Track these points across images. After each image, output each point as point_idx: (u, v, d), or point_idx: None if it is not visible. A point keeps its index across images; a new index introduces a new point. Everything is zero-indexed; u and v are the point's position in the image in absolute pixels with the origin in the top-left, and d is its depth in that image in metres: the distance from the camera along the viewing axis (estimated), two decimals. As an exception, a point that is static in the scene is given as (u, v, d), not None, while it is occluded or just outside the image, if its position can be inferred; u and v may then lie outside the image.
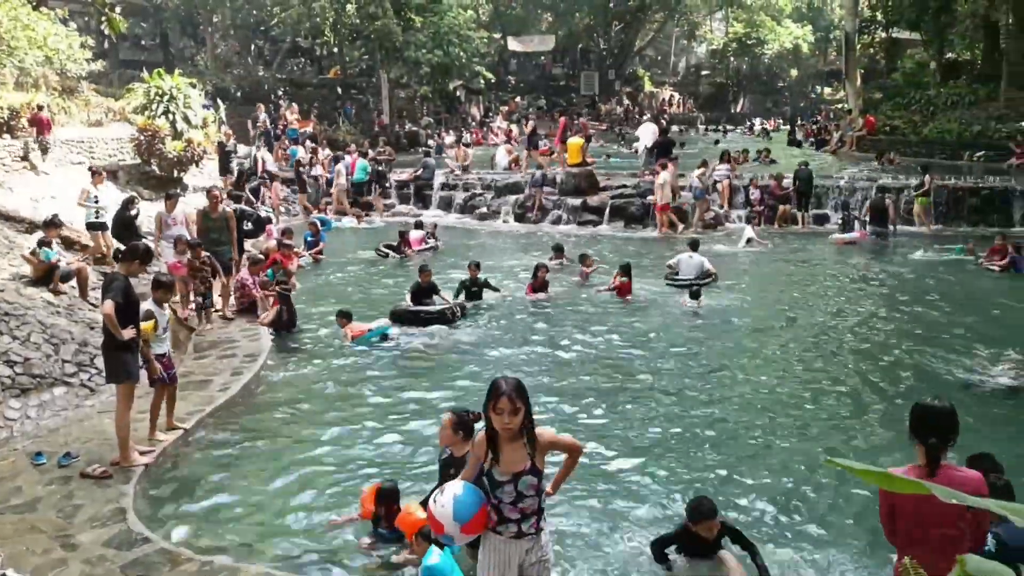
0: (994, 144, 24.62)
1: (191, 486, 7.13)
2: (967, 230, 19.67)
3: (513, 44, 51.48)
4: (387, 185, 25.39)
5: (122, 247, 10.39)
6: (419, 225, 19.44)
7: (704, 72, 62.17)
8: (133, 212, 14.57)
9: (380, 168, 24.84)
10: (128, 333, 7.10)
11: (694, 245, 15.42)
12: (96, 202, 14.61)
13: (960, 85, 29.09)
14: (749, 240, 18.52)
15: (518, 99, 47.54)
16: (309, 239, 17.98)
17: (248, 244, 15.30)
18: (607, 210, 21.79)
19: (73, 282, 11.88)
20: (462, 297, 13.28)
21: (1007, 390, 9.05)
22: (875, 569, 5.66)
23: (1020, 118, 25.15)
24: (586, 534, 6.24)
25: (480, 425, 4.70)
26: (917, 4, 28.68)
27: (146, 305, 7.74)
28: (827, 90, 59.13)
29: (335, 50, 39.71)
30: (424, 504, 5.67)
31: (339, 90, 39.03)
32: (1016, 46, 27.93)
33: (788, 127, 42.90)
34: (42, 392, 9.01)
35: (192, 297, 11.89)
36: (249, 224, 16.21)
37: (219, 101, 28.42)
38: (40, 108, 18.94)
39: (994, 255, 15.90)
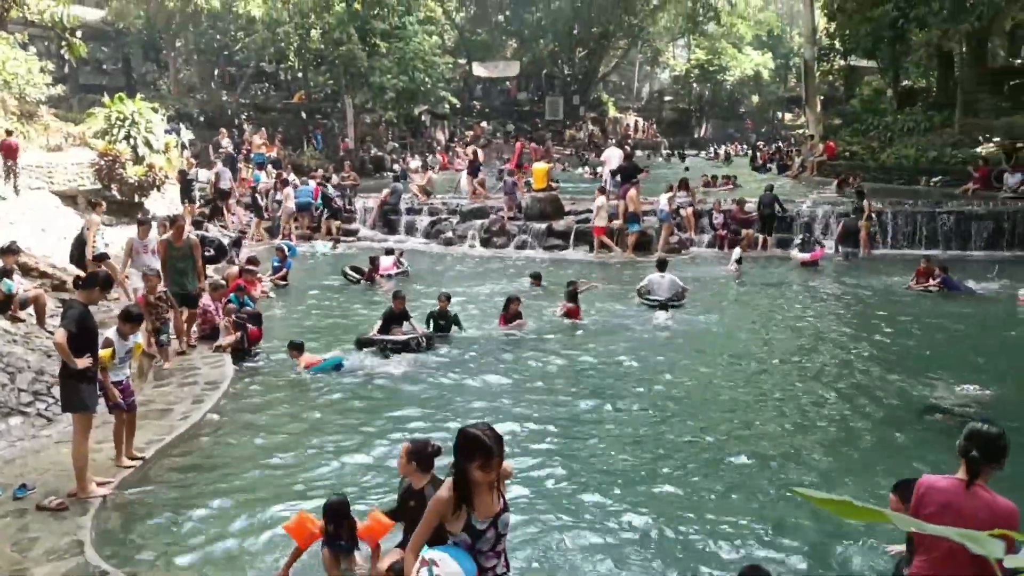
0: (950, 169, 25.22)
1: (150, 518, 6.99)
2: (924, 253, 20.05)
3: (478, 70, 51.78)
4: (351, 209, 25.31)
5: (82, 274, 10.23)
6: (389, 251, 19.37)
7: (667, 98, 62.97)
8: (93, 238, 14.36)
9: (328, 193, 24.58)
10: (84, 362, 6.97)
11: (662, 265, 15.59)
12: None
13: (916, 112, 29.75)
14: (739, 261, 18.67)
15: (484, 124, 47.77)
16: (276, 264, 17.84)
17: (210, 270, 15.14)
18: (572, 235, 21.91)
19: (31, 309, 11.67)
20: (431, 328, 12.91)
21: (964, 420, 9.11)
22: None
23: (974, 144, 25.77)
24: (558, 564, 6.21)
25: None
26: (873, 33, 29.32)
27: (108, 333, 7.64)
28: (788, 116, 60.13)
29: (300, 75, 39.65)
30: (390, 515, 5.63)
31: (304, 115, 38.94)
32: (969, 75, 28.66)
33: (750, 152, 43.55)
34: (-4, 422, 8.80)
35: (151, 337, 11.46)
36: (211, 250, 16.05)
37: (183, 126, 28.20)
38: (9, 133, 18.73)
39: (920, 277, 16.59)
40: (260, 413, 9.68)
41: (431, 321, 12.99)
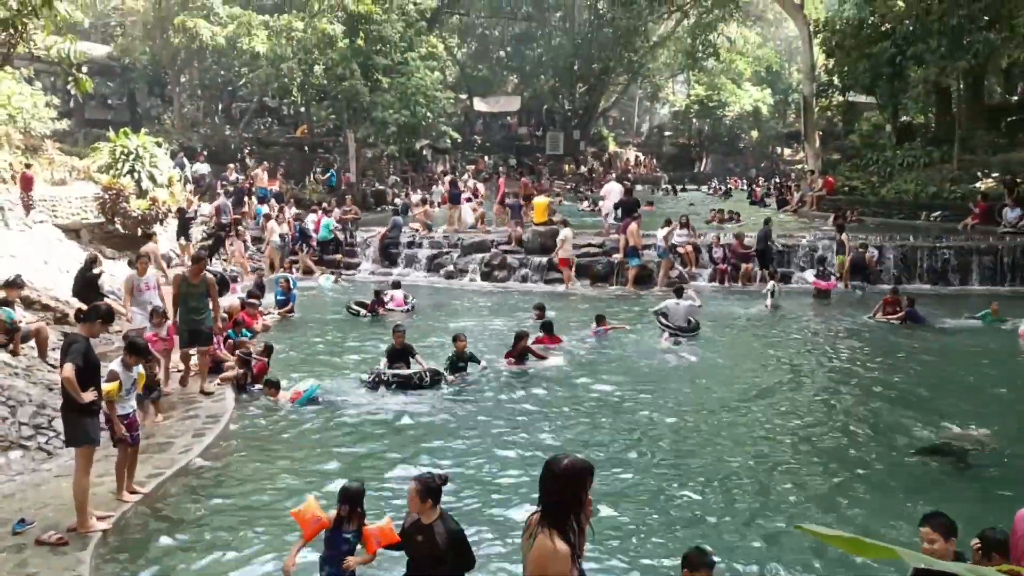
0: (950, 204, 25.38)
1: (150, 552, 6.95)
2: (926, 288, 20.16)
3: (479, 104, 52.17)
4: (353, 243, 25.37)
5: (84, 307, 10.22)
6: (397, 284, 19.36)
7: (667, 133, 63.28)
8: (96, 271, 14.39)
9: (304, 226, 24.59)
10: (88, 396, 6.98)
11: (679, 292, 15.99)
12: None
13: (915, 147, 29.88)
14: (773, 294, 18.44)
15: (486, 158, 48.05)
16: (280, 298, 17.80)
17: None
18: (573, 268, 21.94)
19: (32, 342, 11.68)
20: (449, 370, 12.44)
21: (959, 456, 9.09)
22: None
23: (973, 180, 25.92)
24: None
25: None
26: (871, 70, 29.56)
27: (112, 365, 7.64)
28: (787, 151, 60.40)
29: (303, 110, 39.94)
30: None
31: (306, 149, 39.18)
32: (966, 111, 28.88)
33: (748, 188, 43.80)
34: (-3, 456, 8.77)
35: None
36: (214, 283, 16.07)
37: (187, 161, 28.34)
38: (28, 166, 19.22)
39: (888, 307, 16.74)
40: (261, 447, 9.66)
41: (451, 365, 12.51)
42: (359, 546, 5.88)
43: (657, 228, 21.64)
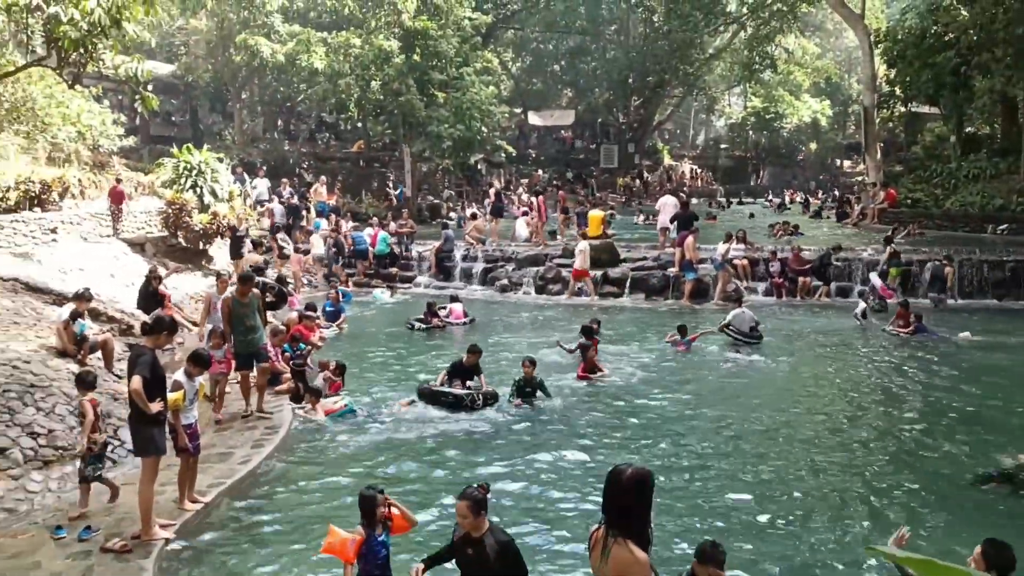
0: (1017, 217, 24.70)
1: (211, 561, 7.06)
2: (992, 303, 19.63)
3: (534, 118, 52.30)
4: (408, 257, 25.53)
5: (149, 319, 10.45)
6: (455, 298, 19.43)
7: (723, 145, 62.76)
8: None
9: (340, 238, 24.73)
10: (156, 407, 7.14)
11: (739, 301, 17.02)
12: None
13: (980, 158, 29.21)
14: (864, 314, 18.03)
15: (540, 172, 48.11)
16: (329, 309, 17.99)
17: (269, 316, 15.28)
18: (628, 282, 21.81)
19: (99, 353, 11.99)
20: (515, 395, 11.89)
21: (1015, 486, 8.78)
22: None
23: (1040, 192, 25.26)
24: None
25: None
26: (935, 80, 29.00)
27: (176, 376, 7.82)
28: (847, 163, 59.43)
29: (359, 125, 40.46)
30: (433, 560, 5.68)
31: (363, 163, 39.67)
32: (1034, 121, 28.18)
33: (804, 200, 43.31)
34: (65, 464, 9.01)
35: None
36: (271, 296, 16.29)
37: (247, 176, 28.89)
38: (119, 181, 20.02)
39: (899, 320, 16.97)
40: (319, 457, 9.76)
41: (518, 390, 11.95)
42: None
43: (718, 242, 21.38)
